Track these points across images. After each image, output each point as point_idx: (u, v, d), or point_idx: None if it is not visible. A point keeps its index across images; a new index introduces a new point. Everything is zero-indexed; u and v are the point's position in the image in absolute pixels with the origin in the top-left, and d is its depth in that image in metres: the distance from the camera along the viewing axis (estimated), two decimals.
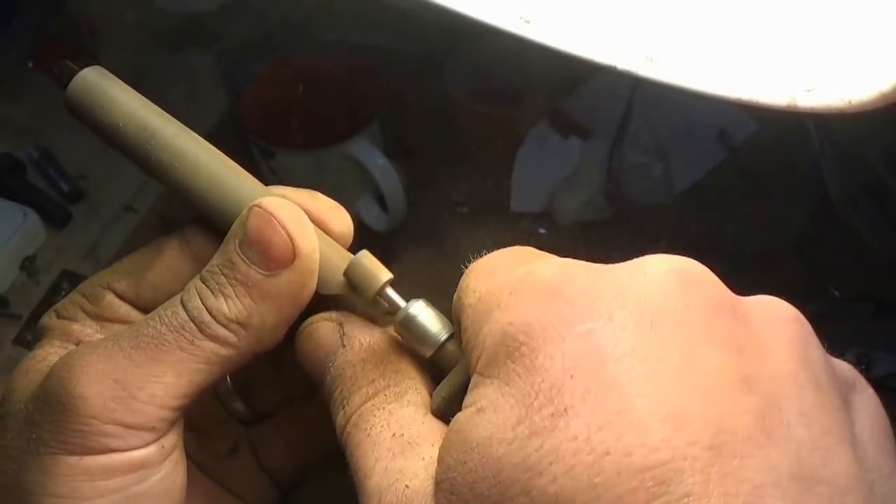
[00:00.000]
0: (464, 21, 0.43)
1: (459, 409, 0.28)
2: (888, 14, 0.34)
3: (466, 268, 0.32)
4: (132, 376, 0.33)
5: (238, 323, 0.34)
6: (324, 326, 0.35)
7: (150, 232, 0.94)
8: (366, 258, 0.35)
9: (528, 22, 0.42)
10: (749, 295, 0.29)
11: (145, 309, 0.37)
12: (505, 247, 0.32)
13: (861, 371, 0.29)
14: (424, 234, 0.88)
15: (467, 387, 0.29)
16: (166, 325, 0.34)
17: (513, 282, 0.28)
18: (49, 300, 0.89)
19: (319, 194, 0.38)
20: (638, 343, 0.25)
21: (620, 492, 0.23)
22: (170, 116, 0.38)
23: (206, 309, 0.34)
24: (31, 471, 0.32)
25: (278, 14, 1.03)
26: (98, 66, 0.38)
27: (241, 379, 0.41)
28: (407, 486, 0.28)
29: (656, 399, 0.24)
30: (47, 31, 1.07)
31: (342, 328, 0.35)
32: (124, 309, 0.37)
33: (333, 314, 0.35)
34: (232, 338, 0.34)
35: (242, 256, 0.34)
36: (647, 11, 0.40)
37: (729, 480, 0.23)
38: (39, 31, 1.06)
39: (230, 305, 0.34)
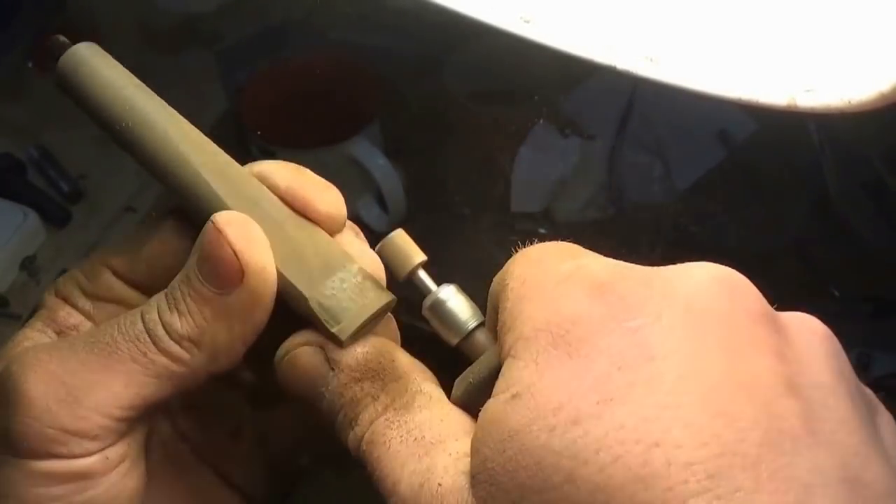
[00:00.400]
0: (464, 21, 0.43)
1: (484, 399, 0.28)
2: (888, 14, 0.34)
3: (512, 255, 0.31)
4: (80, 381, 0.32)
5: (190, 340, 0.33)
6: (304, 352, 0.34)
7: None
8: (399, 238, 0.34)
9: (528, 22, 0.42)
10: None
11: (139, 284, 0.37)
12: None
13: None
14: (424, 234, 0.88)
15: (495, 377, 0.28)
16: (122, 333, 0.33)
17: (563, 273, 0.28)
18: None
19: (306, 170, 0.37)
20: (685, 342, 0.26)
21: (670, 483, 0.23)
22: (160, 100, 0.36)
23: (161, 323, 0.33)
24: None
25: (278, 14, 1.03)
26: (91, 43, 0.37)
27: (253, 350, 0.40)
28: (440, 484, 0.28)
29: (704, 396, 0.24)
30: (47, 31, 1.07)
31: (325, 351, 0.33)
32: (118, 286, 0.37)
33: (311, 336, 0.34)
34: (185, 355, 0.33)
35: (197, 273, 0.33)
36: (647, 11, 0.40)
37: (779, 477, 0.23)
38: (39, 31, 1.06)
39: (183, 322, 0.33)
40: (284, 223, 0.35)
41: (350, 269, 0.35)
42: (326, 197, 0.36)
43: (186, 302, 0.33)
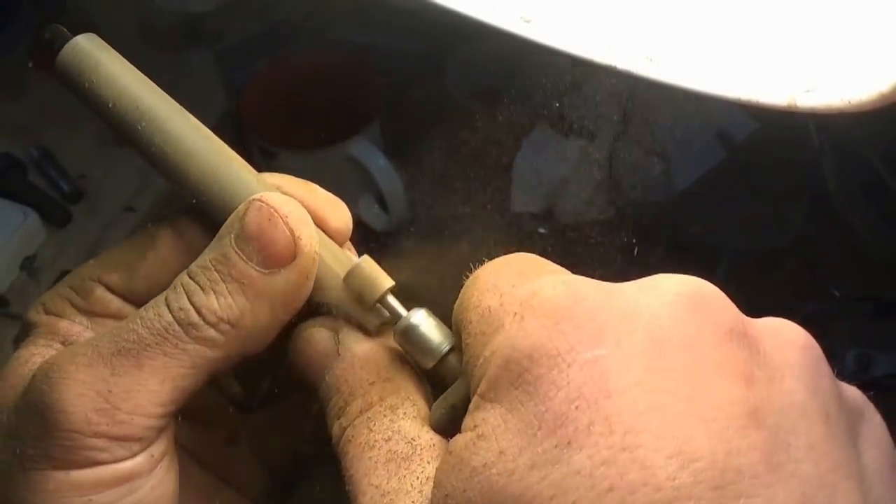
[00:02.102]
0: (464, 21, 0.43)
1: (459, 426, 0.28)
2: (888, 14, 0.34)
3: (468, 276, 0.31)
4: (114, 386, 0.31)
5: (228, 322, 0.32)
6: (319, 333, 0.34)
7: None
8: (366, 264, 0.34)
9: (528, 22, 0.42)
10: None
11: (137, 303, 0.36)
12: (505, 246, 0.32)
13: (869, 397, 0.29)
14: (424, 234, 0.88)
15: (468, 403, 0.28)
16: (149, 328, 0.32)
17: (517, 301, 0.28)
18: None
19: (317, 187, 0.37)
20: (645, 372, 0.25)
21: None
22: (165, 95, 0.36)
23: (194, 306, 0.32)
24: (18, 487, 0.31)
25: (278, 13, 1.03)
26: (92, 35, 0.36)
27: (240, 364, 0.41)
28: None
29: (662, 434, 0.24)
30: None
31: (338, 336, 0.34)
32: (115, 303, 0.36)
33: (328, 320, 0.34)
34: (220, 339, 0.32)
35: (239, 252, 0.32)
36: (647, 11, 0.40)
37: None
38: (40, 31, 1.06)
39: (221, 302, 0.32)
40: None
41: None
42: (337, 213, 0.36)
43: (226, 282, 0.32)
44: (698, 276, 0.28)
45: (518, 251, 0.32)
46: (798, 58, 0.37)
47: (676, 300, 0.26)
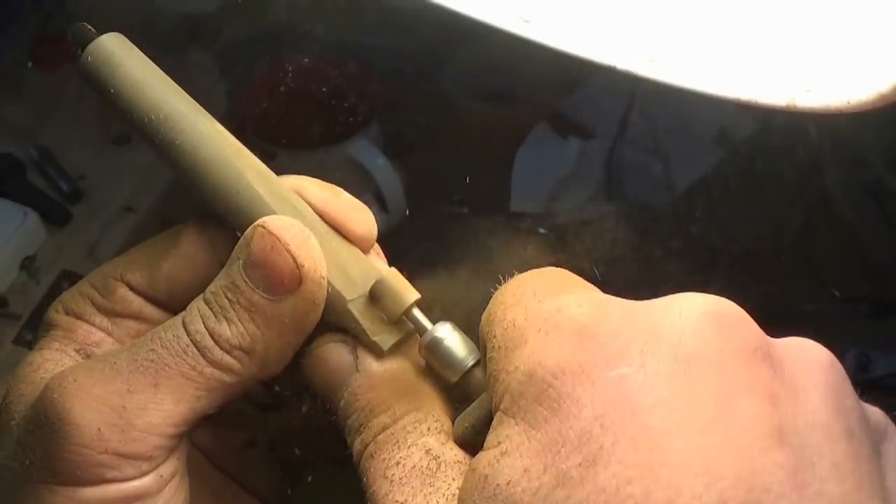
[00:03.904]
0: (464, 21, 0.43)
1: (483, 441, 0.27)
2: (887, 14, 0.34)
3: (496, 289, 0.30)
4: (129, 402, 0.31)
5: (241, 349, 0.32)
6: (336, 348, 0.33)
7: (149, 232, 0.94)
8: (392, 277, 0.33)
9: (528, 22, 0.42)
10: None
11: (159, 302, 0.36)
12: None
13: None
14: (424, 234, 0.88)
15: (490, 422, 0.28)
16: (168, 348, 0.32)
17: (542, 317, 0.27)
18: (49, 300, 0.88)
19: (342, 191, 0.36)
20: (670, 391, 0.25)
21: None
22: (189, 98, 0.35)
23: (209, 333, 0.32)
24: (25, 499, 0.31)
25: (278, 13, 1.03)
26: (118, 34, 0.35)
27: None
28: None
29: (688, 453, 0.24)
30: (47, 31, 1.07)
31: (355, 351, 0.33)
32: (137, 303, 0.36)
33: (344, 335, 0.34)
34: (236, 365, 0.32)
35: (246, 279, 0.32)
36: (647, 11, 0.40)
37: None
38: (39, 31, 1.06)
39: (233, 331, 0.32)
40: (326, 235, 0.34)
41: None
42: (362, 219, 0.36)
43: (235, 310, 0.32)
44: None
45: (548, 265, 0.31)
46: (798, 58, 0.37)
47: (701, 319, 0.26)
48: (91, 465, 0.30)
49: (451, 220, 0.91)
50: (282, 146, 0.89)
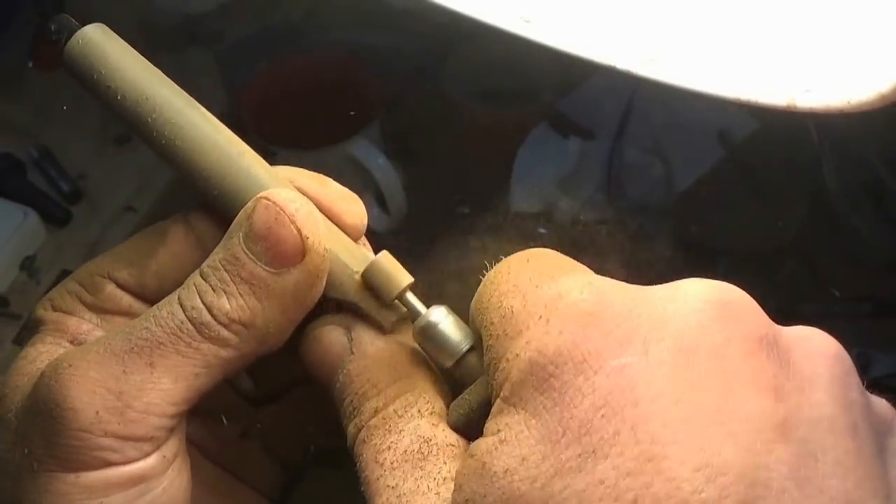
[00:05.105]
0: (464, 21, 0.43)
1: (479, 427, 0.27)
2: (887, 14, 0.34)
3: (485, 275, 0.30)
4: (126, 384, 0.31)
5: (241, 323, 0.32)
6: (331, 331, 0.33)
7: None
8: (385, 259, 0.33)
9: (528, 22, 0.42)
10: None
11: (148, 299, 0.35)
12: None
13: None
14: (424, 234, 0.88)
15: (488, 404, 0.28)
16: (162, 326, 0.31)
17: (542, 303, 0.27)
18: None
19: (331, 181, 0.36)
20: (673, 382, 0.24)
21: None
22: (175, 86, 0.35)
23: (207, 307, 0.32)
24: (28, 490, 0.31)
25: (278, 13, 1.03)
26: (100, 25, 0.35)
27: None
28: None
29: (689, 446, 0.23)
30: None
31: (350, 333, 0.33)
32: (126, 300, 0.35)
33: (340, 318, 0.34)
34: (233, 339, 0.32)
35: (247, 252, 0.32)
36: (647, 11, 0.40)
37: None
38: (39, 31, 1.06)
39: (233, 304, 0.32)
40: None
41: None
42: (353, 209, 0.36)
43: (236, 283, 0.32)
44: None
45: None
46: (798, 58, 0.37)
47: (706, 307, 0.26)
48: (92, 449, 0.30)
49: (451, 220, 0.91)
50: (282, 146, 0.88)
